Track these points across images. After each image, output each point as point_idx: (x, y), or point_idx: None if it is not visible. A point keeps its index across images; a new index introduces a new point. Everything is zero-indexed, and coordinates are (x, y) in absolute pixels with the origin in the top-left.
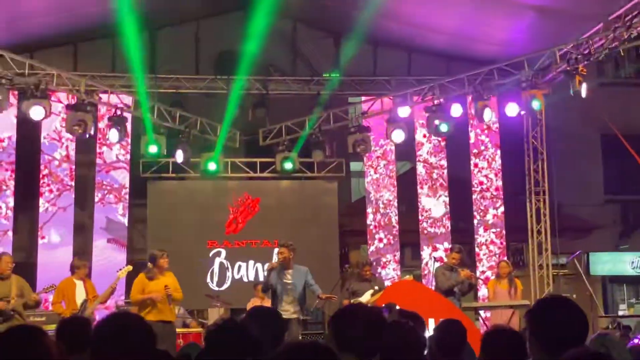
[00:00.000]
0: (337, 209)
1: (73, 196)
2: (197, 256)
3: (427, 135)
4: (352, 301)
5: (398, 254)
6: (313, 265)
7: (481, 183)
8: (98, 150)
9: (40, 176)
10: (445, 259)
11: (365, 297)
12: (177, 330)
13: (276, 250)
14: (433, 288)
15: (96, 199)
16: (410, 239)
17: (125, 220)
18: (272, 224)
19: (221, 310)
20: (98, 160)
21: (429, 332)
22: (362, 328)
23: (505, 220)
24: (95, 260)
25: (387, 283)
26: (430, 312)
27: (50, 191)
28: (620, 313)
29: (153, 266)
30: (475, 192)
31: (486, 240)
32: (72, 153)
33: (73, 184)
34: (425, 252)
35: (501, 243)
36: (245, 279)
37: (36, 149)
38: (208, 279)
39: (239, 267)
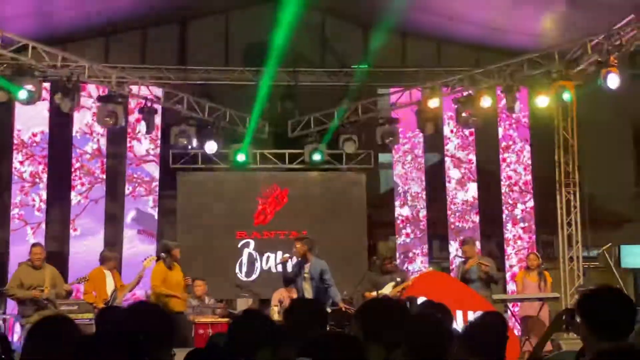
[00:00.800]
0: (366, 201)
1: (104, 189)
2: (226, 247)
3: (456, 127)
4: (373, 294)
5: (426, 246)
6: (341, 256)
7: (509, 177)
8: (129, 144)
9: (72, 169)
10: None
11: (387, 289)
12: (206, 319)
13: None
14: None
15: (127, 192)
16: (438, 231)
17: (155, 213)
18: (300, 215)
19: (249, 300)
20: (129, 154)
21: (457, 325)
22: (387, 319)
23: (535, 213)
24: (125, 250)
25: (413, 275)
26: (457, 303)
27: (82, 184)
28: None
29: (167, 256)
30: (503, 186)
31: (514, 236)
32: (103, 147)
33: (104, 177)
34: (453, 246)
35: (529, 238)
36: (273, 270)
37: (68, 143)
38: (237, 270)
39: (268, 257)
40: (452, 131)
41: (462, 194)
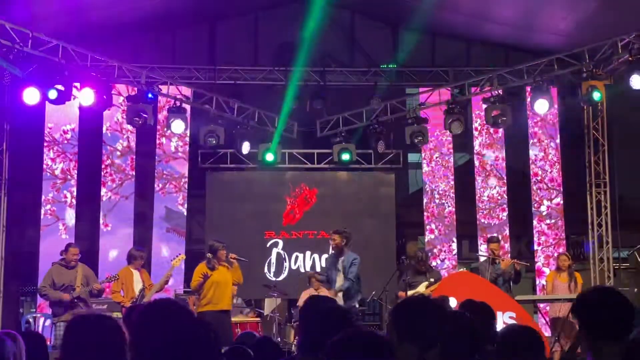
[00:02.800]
0: (395, 201)
1: (134, 186)
2: (255, 247)
3: (485, 126)
4: (407, 293)
5: (454, 245)
6: (370, 256)
7: (535, 174)
8: (158, 141)
9: (103, 166)
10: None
11: (421, 289)
12: (237, 319)
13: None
14: None
15: (156, 189)
16: (467, 231)
17: (184, 211)
18: (329, 215)
19: (278, 300)
20: (158, 151)
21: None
22: (423, 319)
23: (564, 213)
24: (154, 249)
25: (444, 274)
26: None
27: (113, 180)
28: None
29: (213, 257)
30: (533, 185)
31: (543, 236)
32: (133, 144)
33: (134, 173)
34: (484, 245)
35: (556, 235)
36: (302, 270)
37: (98, 140)
38: (265, 269)
39: (296, 257)
40: (480, 127)
41: (490, 192)
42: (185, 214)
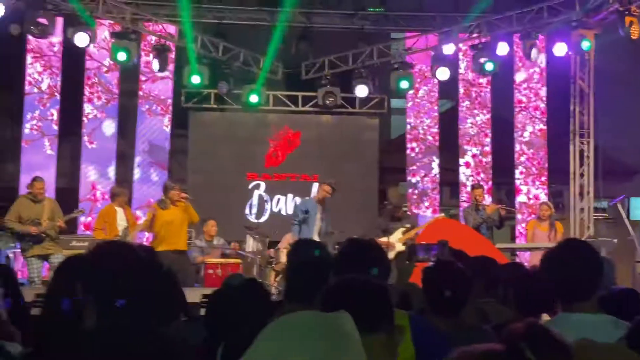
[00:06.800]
0: (378, 145)
1: (117, 107)
2: (237, 188)
3: (472, 73)
4: (383, 239)
5: (437, 192)
6: (352, 201)
7: (523, 127)
8: (142, 78)
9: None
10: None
11: (397, 235)
12: (217, 260)
13: (316, 184)
14: None
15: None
16: (450, 178)
17: (168, 144)
18: (312, 158)
19: (259, 242)
20: (143, 87)
21: None
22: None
23: (548, 163)
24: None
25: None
26: (468, 251)
27: (99, 98)
28: None
29: (165, 196)
30: (517, 135)
31: (525, 184)
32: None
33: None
34: (464, 194)
35: (539, 187)
36: (283, 212)
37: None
38: (247, 211)
39: (278, 200)
40: (466, 78)
41: (475, 140)
42: (167, 148)
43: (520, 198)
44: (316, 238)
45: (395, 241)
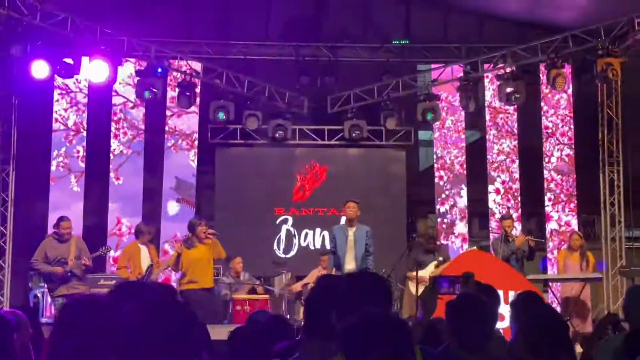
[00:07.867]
0: (405, 178)
1: (143, 142)
2: (264, 223)
3: (498, 104)
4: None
5: (465, 222)
6: (380, 233)
7: (551, 155)
8: (168, 114)
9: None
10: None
11: (430, 269)
12: (245, 296)
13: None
14: None
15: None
16: (479, 209)
17: (194, 180)
18: (339, 192)
19: (288, 276)
20: (166, 129)
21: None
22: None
23: (577, 192)
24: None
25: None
26: (499, 282)
27: (125, 134)
28: None
29: (192, 234)
30: (546, 164)
31: (555, 215)
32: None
33: (144, 136)
34: (493, 224)
35: (571, 217)
36: (312, 247)
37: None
38: (275, 246)
39: (306, 234)
40: (493, 108)
41: (503, 169)
42: (194, 184)
43: (552, 225)
44: (351, 264)
45: (428, 275)
